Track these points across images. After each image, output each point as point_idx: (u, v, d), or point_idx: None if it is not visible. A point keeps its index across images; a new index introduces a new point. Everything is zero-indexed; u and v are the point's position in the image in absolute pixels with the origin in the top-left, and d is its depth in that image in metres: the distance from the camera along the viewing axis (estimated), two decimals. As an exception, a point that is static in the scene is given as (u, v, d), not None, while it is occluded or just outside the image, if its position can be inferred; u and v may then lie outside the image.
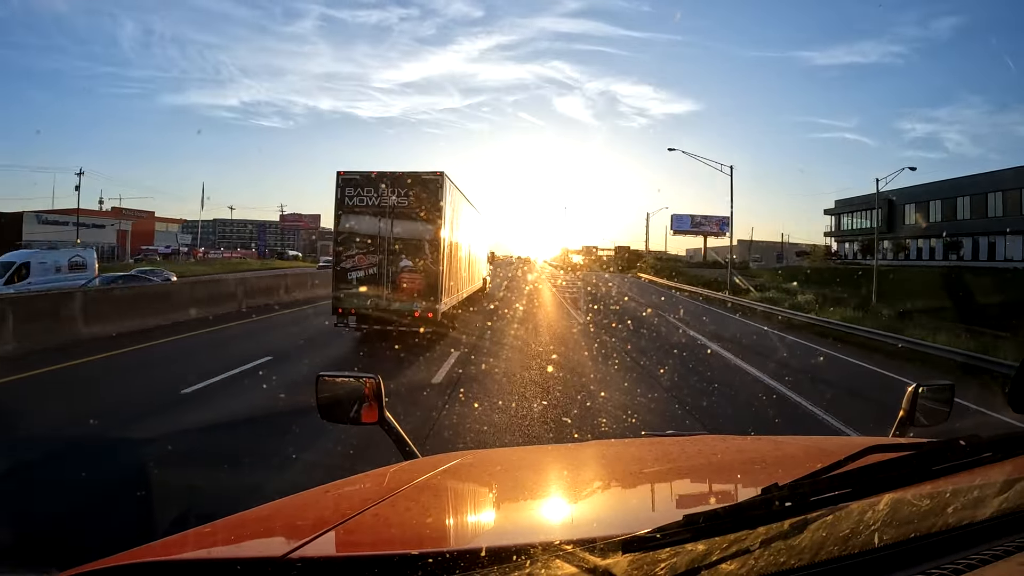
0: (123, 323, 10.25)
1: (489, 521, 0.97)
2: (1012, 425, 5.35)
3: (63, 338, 8.88)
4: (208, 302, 13.23)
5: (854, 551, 0.74)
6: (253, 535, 0.91)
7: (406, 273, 10.31)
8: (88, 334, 9.41)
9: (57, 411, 5.64)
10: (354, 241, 10.39)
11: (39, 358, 7.72)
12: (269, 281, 17.76)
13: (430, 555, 0.69)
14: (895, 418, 1.56)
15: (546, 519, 0.99)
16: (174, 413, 5.52)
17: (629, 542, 0.68)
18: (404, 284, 10.27)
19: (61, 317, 9.29)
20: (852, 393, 8.07)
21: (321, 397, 1.54)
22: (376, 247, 10.32)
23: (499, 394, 6.59)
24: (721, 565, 0.69)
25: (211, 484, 3.78)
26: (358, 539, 0.85)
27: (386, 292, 10.25)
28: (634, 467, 1.33)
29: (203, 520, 0.91)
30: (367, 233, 10.32)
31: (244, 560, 0.74)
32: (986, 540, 0.80)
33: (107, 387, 6.79)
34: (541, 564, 0.67)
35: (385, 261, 10.30)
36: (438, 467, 1.19)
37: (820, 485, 0.76)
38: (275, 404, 6.01)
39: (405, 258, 10.31)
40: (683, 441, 1.52)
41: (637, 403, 6.43)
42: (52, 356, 7.84)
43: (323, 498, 1.07)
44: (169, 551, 0.81)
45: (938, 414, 1.57)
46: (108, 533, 3.13)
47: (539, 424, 5.52)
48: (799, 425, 6.11)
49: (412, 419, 5.31)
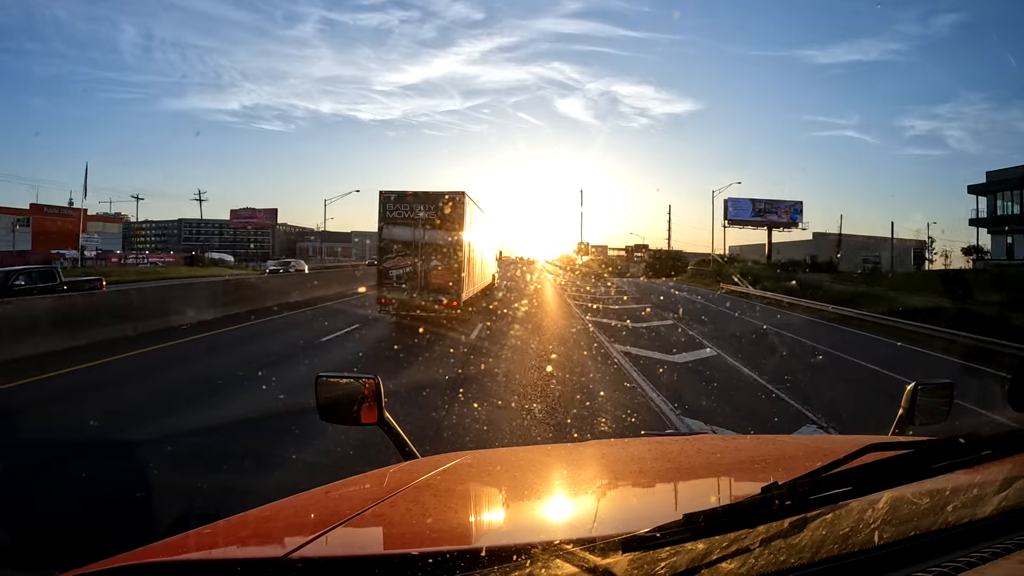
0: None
1: (489, 521, 0.97)
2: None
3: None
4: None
5: (854, 549, 0.74)
6: (254, 536, 0.91)
7: (435, 271, 13.07)
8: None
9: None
10: (393, 246, 13.19)
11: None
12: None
13: (430, 555, 0.69)
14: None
15: (546, 519, 1.00)
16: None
17: (629, 541, 0.68)
18: (434, 280, 13.04)
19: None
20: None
21: (321, 398, 1.54)
22: (411, 251, 13.09)
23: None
24: (721, 564, 0.69)
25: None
26: (358, 539, 0.85)
27: (419, 286, 12.97)
28: (634, 466, 1.33)
29: (203, 521, 0.91)
30: (404, 240, 13.11)
31: (245, 561, 0.74)
32: (986, 538, 0.80)
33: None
34: (541, 564, 0.67)
35: (418, 262, 13.03)
36: (438, 467, 1.19)
37: (820, 484, 0.76)
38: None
39: (434, 259, 13.06)
40: (682, 440, 1.53)
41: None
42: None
43: (323, 499, 1.07)
44: (170, 552, 0.81)
45: (938, 413, 1.57)
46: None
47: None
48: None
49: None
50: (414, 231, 13.08)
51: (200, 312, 12.26)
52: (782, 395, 7.23)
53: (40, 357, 7.89)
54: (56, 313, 9.05)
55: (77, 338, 8.90)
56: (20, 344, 8.02)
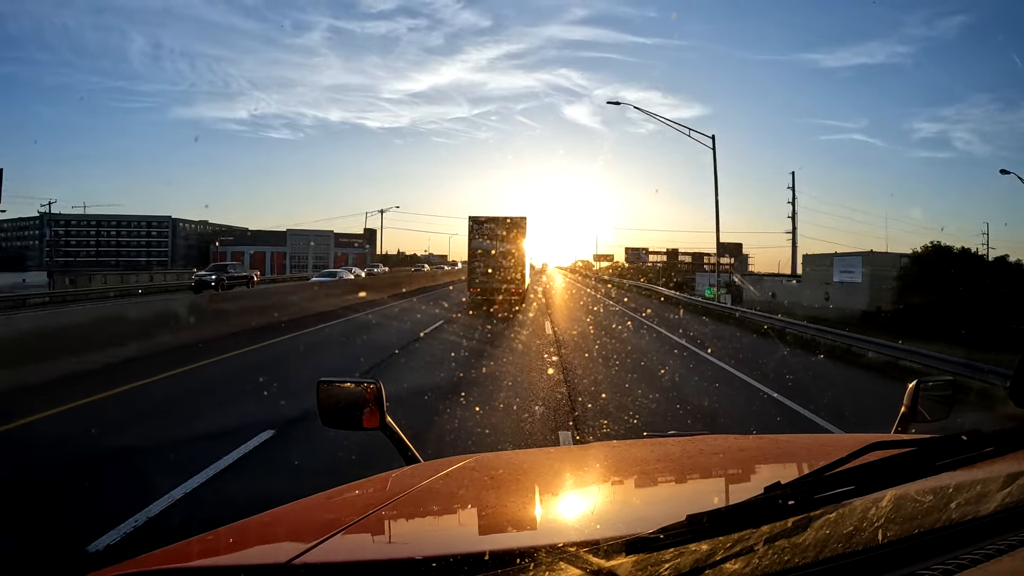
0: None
1: (492, 524, 0.97)
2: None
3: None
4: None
5: (858, 548, 0.74)
6: (256, 542, 0.90)
7: (506, 270, 19.87)
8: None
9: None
10: (477, 253, 19.93)
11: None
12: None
13: (434, 559, 0.69)
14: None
15: (549, 521, 0.99)
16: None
17: (633, 543, 0.68)
18: (505, 275, 19.84)
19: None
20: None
21: (322, 403, 1.53)
22: (490, 255, 19.79)
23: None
24: (725, 564, 0.69)
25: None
26: (362, 544, 0.85)
27: (496, 279, 19.74)
28: (636, 468, 1.33)
29: (206, 527, 0.91)
30: (485, 249, 19.93)
31: (248, 567, 0.74)
32: (990, 535, 0.80)
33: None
34: (545, 567, 0.67)
35: (495, 263, 19.72)
36: (440, 471, 1.18)
37: (823, 483, 0.76)
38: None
39: (504, 261, 19.85)
40: (685, 441, 1.52)
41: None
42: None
43: (326, 504, 1.07)
44: (173, 559, 0.81)
45: (940, 410, 1.57)
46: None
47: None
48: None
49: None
50: (491, 243, 19.82)
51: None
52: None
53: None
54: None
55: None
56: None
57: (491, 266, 19.64)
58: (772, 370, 8.94)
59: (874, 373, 9.57)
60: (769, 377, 8.42)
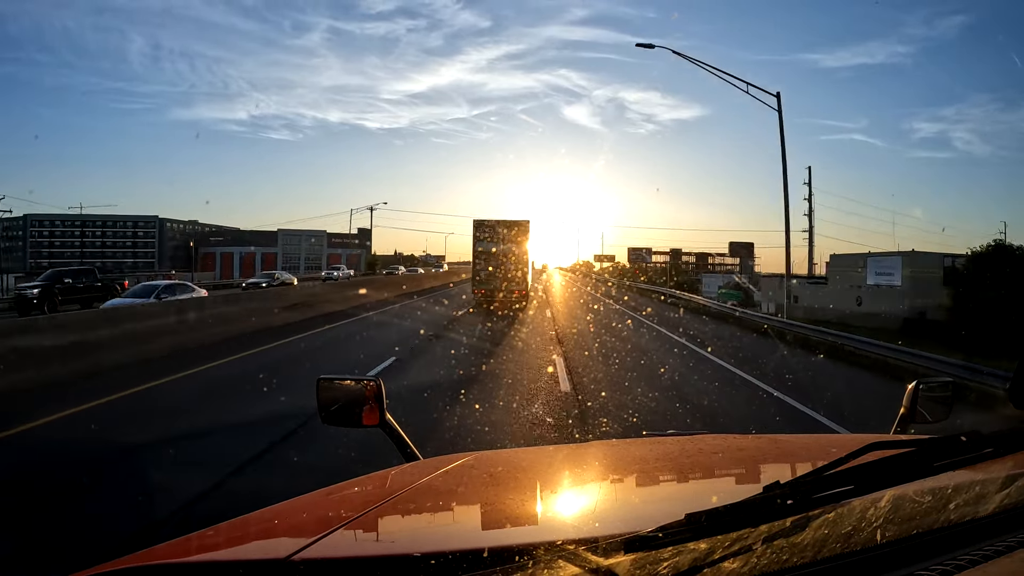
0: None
1: (491, 522, 0.97)
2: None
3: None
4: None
5: (856, 548, 0.74)
6: (256, 537, 0.91)
7: (509, 271, 20.20)
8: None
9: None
10: (480, 254, 20.28)
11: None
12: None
13: (433, 556, 0.69)
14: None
15: (548, 519, 0.99)
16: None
17: (631, 541, 0.68)
18: (508, 275, 20.17)
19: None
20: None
21: (322, 400, 1.53)
22: (493, 257, 20.17)
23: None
24: (723, 563, 0.69)
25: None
26: (361, 540, 0.85)
27: (499, 279, 20.08)
28: (635, 467, 1.33)
29: (205, 523, 0.91)
30: (488, 251, 20.26)
31: (248, 562, 0.74)
32: (988, 536, 0.80)
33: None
34: (543, 564, 0.67)
35: (499, 264, 20.12)
36: (440, 468, 1.19)
37: (822, 482, 0.76)
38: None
39: (508, 262, 20.21)
40: (684, 440, 1.52)
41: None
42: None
43: (326, 500, 1.07)
44: (173, 554, 0.81)
45: (939, 411, 1.57)
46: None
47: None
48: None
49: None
50: (494, 245, 20.20)
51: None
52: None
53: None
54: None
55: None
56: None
57: (495, 268, 20.04)
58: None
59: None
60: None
